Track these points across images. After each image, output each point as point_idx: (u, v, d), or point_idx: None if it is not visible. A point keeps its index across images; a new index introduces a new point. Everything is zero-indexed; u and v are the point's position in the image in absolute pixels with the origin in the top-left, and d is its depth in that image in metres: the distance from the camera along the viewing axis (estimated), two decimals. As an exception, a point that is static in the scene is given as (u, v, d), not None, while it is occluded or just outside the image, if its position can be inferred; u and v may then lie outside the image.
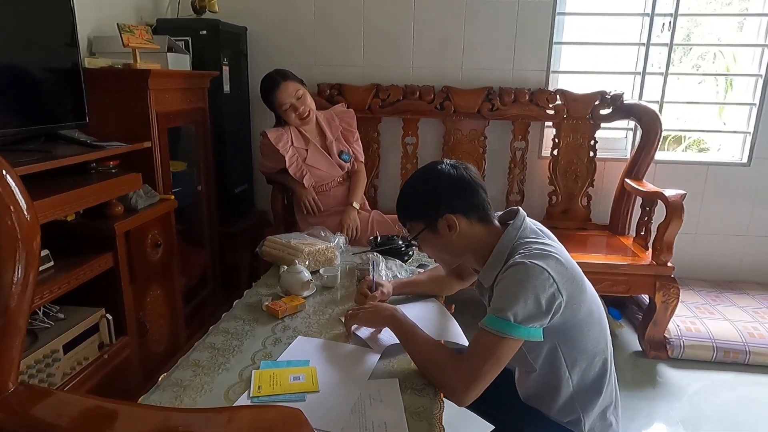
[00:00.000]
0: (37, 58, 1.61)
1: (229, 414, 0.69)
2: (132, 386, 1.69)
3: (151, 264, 1.82)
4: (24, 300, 0.65)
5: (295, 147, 2.24)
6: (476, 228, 1.15)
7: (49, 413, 0.67)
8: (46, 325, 1.45)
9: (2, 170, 0.64)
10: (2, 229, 0.62)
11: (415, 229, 1.18)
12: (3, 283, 0.63)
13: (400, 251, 1.80)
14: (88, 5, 2.06)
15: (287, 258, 1.64)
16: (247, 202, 2.89)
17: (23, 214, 0.64)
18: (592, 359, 1.13)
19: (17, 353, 0.67)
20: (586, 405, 1.15)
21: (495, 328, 1.00)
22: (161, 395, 1.04)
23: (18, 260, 0.63)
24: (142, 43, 1.91)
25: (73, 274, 1.46)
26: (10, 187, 0.64)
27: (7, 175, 0.64)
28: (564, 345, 1.10)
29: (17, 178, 0.65)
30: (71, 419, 0.66)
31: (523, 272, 1.02)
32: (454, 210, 1.12)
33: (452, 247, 1.16)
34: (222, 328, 1.32)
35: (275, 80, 2.19)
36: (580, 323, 1.09)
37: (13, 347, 0.66)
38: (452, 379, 1.04)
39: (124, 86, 1.88)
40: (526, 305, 1.00)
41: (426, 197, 1.16)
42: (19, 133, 1.55)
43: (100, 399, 0.69)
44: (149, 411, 0.73)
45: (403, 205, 1.20)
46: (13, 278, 0.63)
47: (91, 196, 1.53)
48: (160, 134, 1.96)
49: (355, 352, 1.21)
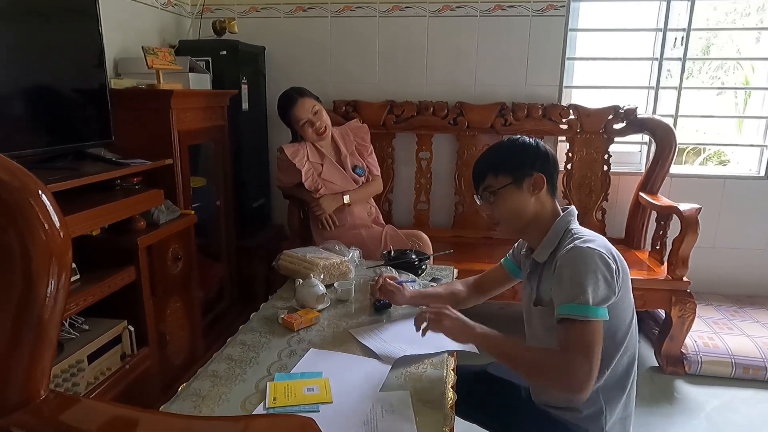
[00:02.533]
0: (66, 80, 1.69)
1: (245, 422, 0.72)
2: (152, 396, 1.74)
3: (171, 277, 1.88)
4: (56, 312, 0.69)
5: (311, 162, 2.30)
6: (548, 200, 1.24)
7: (77, 419, 0.71)
8: (72, 336, 1.50)
9: (38, 189, 0.68)
10: (37, 245, 0.67)
11: (500, 183, 1.22)
12: (37, 295, 0.67)
13: (414, 265, 1.82)
14: (115, 28, 2.16)
15: (303, 272, 1.68)
16: (264, 217, 2.95)
17: (57, 231, 0.69)
18: (624, 352, 1.17)
19: (48, 363, 0.72)
20: (610, 400, 1.17)
21: (580, 314, 1.04)
22: (181, 405, 1.07)
23: (52, 275, 0.67)
24: (165, 64, 1.99)
25: (98, 287, 1.52)
26: (45, 206, 0.68)
27: (43, 194, 0.69)
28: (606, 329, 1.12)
29: (51, 196, 0.70)
30: (97, 425, 0.70)
31: (585, 256, 1.08)
32: (543, 172, 1.21)
33: (526, 210, 1.22)
34: (239, 340, 1.36)
35: (293, 97, 2.25)
36: (622, 309, 1.14)
37: (45, 357, 0.70)
38: (565, 376, 1.04)
39: (148, 106, 1.96)
40: (598, 287, 1.06)
41: (526, 152, 1.23)
42: (48, 151, 1.62)
43: (124, 407, 0.72)
44: (171, 418, 0.77)
45: (496, 156, 1.26)
46: (46, 291, 0.67)
47: (115, 212, 1.59)
48: (181, 151, 2.02)
49: (366, 364, 1.23)
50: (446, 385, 1.15)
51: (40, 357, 0.70)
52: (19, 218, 0.65)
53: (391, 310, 1.54)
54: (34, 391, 0.68)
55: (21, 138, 1.51)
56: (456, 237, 2.82)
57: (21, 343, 0.67)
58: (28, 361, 0.67)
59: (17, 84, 1.50)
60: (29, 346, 0.67)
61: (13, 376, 0.66)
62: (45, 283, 0.67)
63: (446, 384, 1.16)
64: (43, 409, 0.69)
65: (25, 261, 0.66)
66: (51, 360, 0.73)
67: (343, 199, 2.30)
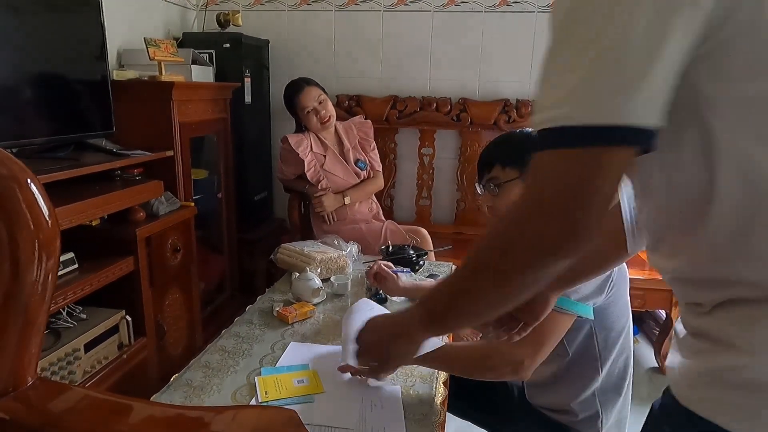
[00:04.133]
0: (68, 70, 1.70)
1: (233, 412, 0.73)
2: (149, 387, 1.75)
3: (170, 268, 1.89)
4: (43, 299, 0.70)
5: (314, 152, 2.31)
6: None
7: (64, 406, 0.72)
8: (69, 325, 1.51)
9: (27, 178, 0.69)
10: (25, 234, 0.67)
11: (507, 176, 1.18)
12: (24, 283, 0.68)
13: (411, 261, 1.82)
14: (118, 20, 2.16)
15: (300, 265, 1.69)
16: (265, 210, 2.95)
17: (44, 219, 0.69)
18: (619, 355, 1.16)
19: (36, 350, 0.72)
20: (606, 403, 1.17)
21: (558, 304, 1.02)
22: (172, 394, 1.08)
23: (39, 262, 0.68)
24: (167, 56, 1.99)
25: (96, 276, 1.53)
26: (33, 194, 0.69)
27: (31, 183, 0.69)
28: (599, 330, 1.12)
29: (40, 185, 0.70)
30: (85, 412, 0.71)
31: None
32: None
33: None
34: (234, 332, 1.36)
35: (300, 84, 2.29)
36: (617, 309, 1.13)
37: (32, 343, 0.71)
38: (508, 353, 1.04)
39: (149, 97, 1.97)
40: (585, 284, 1.04)
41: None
42: (50, 141, 1.63)
43: (114, 395, 0.73)
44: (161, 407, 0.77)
45: (507, 148, 1.21)
46: (34, 279, 0.68)
47: (115, 202, 1.60)
48: (182, 143, 2.03)
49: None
50: (437, 380, 1.15)
51: (27, 343, 0.70)
52: (6, 205, 0.66)
53: (387, 305, 1.54)
54: (21, 378, 0.69)
55: (23, 127, 1.52)
56: (457, 233, 2.82)
57: (7, 329, 0.67)
58: (14, 348, 0.68)
59: (20, 74, 1.51)
60: (16, 333, 0.68)
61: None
62: (32, 270, 0.68)
63: (437, 379, 1.16)
64: (29, 395, 0.69)
65: (13, 248, 0.66)
66: (39, 347, 0.73)
67: (344, 199, 2.32)
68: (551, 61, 0.51)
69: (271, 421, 0.69)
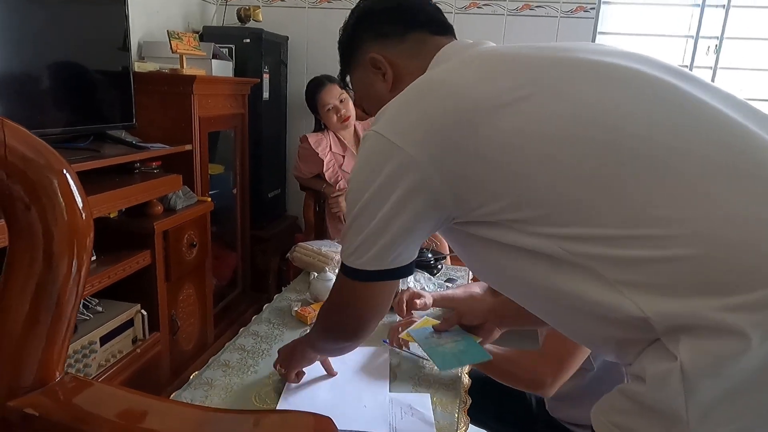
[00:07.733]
0: (91, 61, 1.69)
1: (257, 417, 0.71)
2: (161, 381, 1.74)
3: (185, 263, 1.87)
4: (75, 294, 0.68)
5: (333, 152, 2.30)
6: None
7: (91, 403, 0.70)
8: (86, 317, 1.50)
9: (63, 168, 0.67)
10: (59, 225, 0.66)
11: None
12: (58, 275, 0.66)
13: (429, 264, 1.80)
14: (140, 12, 2.15)
15: (318, 265, 1.67)
16: (279, 207, 2.94)
17: (79, 211, 0.67)
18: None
19: (65, 345, 0.70)
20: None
21: None
22: (192, 393, 1.06)
23: (73, 255, 0.66)
24: (190, 49, 1.98)
25: (113, 269, 1.51)
26: (69, 185, 0.67)
27: (67, 173, 0.68)
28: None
29: (75, 176, 0.69)
30: (111, 410, 0.69)
31: None
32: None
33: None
34: (252, 330, 1.35)
35: (322, 81, 2.27)
36: None
37: (62, 339, 0.69)
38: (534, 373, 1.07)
39: (170, 90, 1.95)
40: None
41: None
42: (70, 131, 1.62)
43: (138, 393, 0.71)
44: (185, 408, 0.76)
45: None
46: (67, 272, 0.66)
47: (134, 195, 1.59)
48: (201, 138, 2.02)
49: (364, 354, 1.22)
50: (460, 388, 1.13)
51: (57, 338, 0.69)
52: (42, 197, 0.64)
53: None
54: (49, 373, 0.67)
55: (44, 116, 1.51)
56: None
57: (39, 323, 0.66)
58: (45, 342, 0.66)
59: (43, 63, 1.50)
60: (46, 327, 0.66)
61: (29, 357, 0.65)
62: (66, 263, 0.66)
63: (460, 386, 1.14)
64: (57, 391, 0.68)
65: (47, 240, 0.64)
66: (68, 342, 0.72)
67: None
68: (350, 225, 0.76)
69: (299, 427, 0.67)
